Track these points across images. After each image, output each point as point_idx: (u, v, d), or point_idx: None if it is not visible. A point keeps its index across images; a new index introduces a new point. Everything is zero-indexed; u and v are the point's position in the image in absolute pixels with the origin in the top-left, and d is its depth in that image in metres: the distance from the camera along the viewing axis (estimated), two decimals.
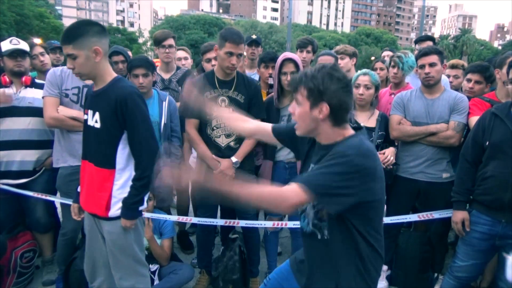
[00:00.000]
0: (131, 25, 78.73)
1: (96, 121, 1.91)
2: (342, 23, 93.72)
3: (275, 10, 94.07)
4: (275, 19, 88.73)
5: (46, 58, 3.42)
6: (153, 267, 2.76)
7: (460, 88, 3.31)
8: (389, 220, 2.59)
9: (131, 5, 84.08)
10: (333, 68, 1.42)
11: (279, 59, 2.67)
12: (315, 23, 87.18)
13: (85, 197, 2.02)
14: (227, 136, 2.62)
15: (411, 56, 3.14)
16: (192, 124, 2.65)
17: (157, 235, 2.85)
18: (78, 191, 2.13)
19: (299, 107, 1.46)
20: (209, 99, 2.58)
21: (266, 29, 51.88)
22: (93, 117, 1.92)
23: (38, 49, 3.37)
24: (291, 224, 2.75)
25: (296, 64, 2.63)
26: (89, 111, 1.95)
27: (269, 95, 2.86)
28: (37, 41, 3.99)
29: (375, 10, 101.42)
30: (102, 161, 1.93)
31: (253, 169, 2.78)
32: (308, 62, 3.49)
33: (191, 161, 3.19)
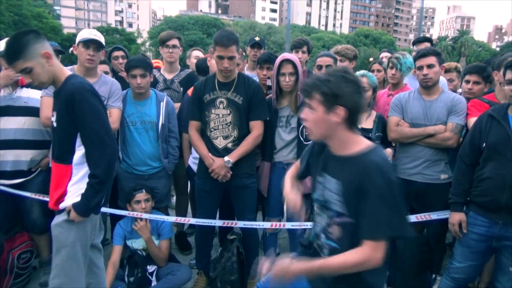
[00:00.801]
0: (130, 25, 78.70)
1: (55, 121, 1.94)
2: (340, 24, 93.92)
3: (274, 11, 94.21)
4: (274, 20, 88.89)
5: None
6: (151, 268, 2.75)
7: (456, 90, 3.32)
8: None
9: (130, 6, 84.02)
10: (345, 71, 1.44)
11: (277, 60, 2.67)
12: (314, 24, 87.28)
13: (50, 195, 2.01)
14: (225, 137, 2.62)
15: (409, 57, 3.14)
16: (194, 126, 2.68)
17: (155, 236, 2.84)
18: None
19: (313, 113, 1.45)
20: (208, 101, 2.60)
21: (264, 30, 52.01)
22: (54, 117, 1.95)
23: None
24: (289, 225, 2.75)
25: (294, 65, 2.62)
26: (53, 112, 1.98)
27: (267, 96, 2.85)
28: None
29: (373, 11, 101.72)
30: (60, 157, 1.94)
31: (254, 173, 2.76)
32: (303, 62, 3.47)
33: (190, 161, 3.19)
